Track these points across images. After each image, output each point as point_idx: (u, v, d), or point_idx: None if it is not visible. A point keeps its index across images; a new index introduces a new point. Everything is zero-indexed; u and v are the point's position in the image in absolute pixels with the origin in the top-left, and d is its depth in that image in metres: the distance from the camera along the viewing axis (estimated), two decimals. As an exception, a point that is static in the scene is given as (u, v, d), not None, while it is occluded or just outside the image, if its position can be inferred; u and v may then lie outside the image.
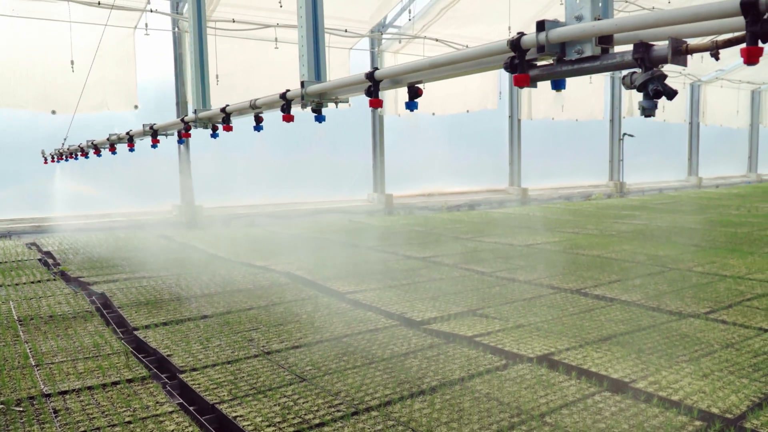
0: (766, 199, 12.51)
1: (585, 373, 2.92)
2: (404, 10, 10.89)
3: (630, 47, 1.83)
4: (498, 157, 14.02)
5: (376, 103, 2.81)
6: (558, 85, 2.15)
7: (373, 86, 2.78)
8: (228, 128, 4.26)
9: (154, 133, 6.17)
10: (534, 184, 14.37)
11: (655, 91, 1.78)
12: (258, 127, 4.12)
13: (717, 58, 1.76)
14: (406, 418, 2.47)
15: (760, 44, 1.59)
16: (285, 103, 3.44)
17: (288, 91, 3.46)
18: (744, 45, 1.61)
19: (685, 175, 18.20)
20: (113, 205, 9.59)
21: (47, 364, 3.23)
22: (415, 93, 2.81)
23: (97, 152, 7.47)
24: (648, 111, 1.87)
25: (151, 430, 2.44)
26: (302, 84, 3.33)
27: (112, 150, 7.79)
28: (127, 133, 6.60)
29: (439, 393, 2.73)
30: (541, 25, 2.02)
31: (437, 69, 2.62)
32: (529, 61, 2.05)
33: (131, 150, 7.53)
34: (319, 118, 3.46)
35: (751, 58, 1.66)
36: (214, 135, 4.87)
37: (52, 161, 9.18)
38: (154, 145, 6.83)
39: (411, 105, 2.92)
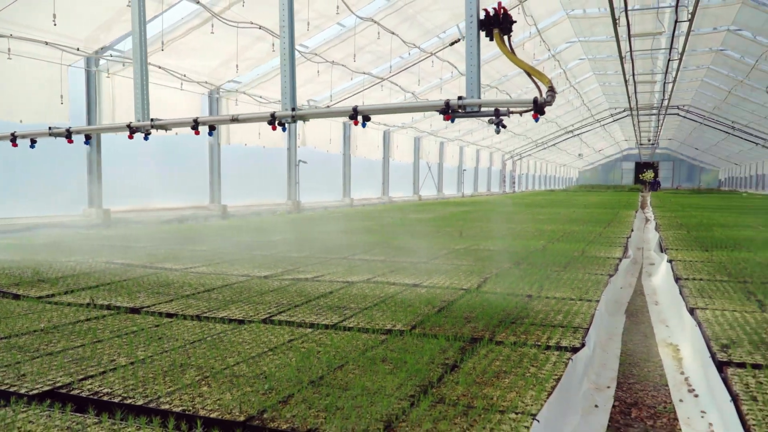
0: (405, 213, 16.97)
1: (396, 284, 5.14)
2: (128, 35, 11.60)
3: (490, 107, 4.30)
4: (202, 177, 15.42)
5: (356, 123, 4.56)
6: (452, 120, 4.39)
7: (354, 114, 4.65)
8: (198, 132, 5.19)
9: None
10: (231, 202, 16.19)
11: (501, 125, 4.19)
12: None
13: (521, 115, 4.28)
14: (341, 299, 4.27)
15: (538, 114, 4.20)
16: (271, 119, 4.80)
17: (275, 111, 4.84)
18: (533, 112, 4.17)
19: (341, 197, 22.42)
20: None
21: (28, 313, 3.87)
22: (367, 118, 4.63)
23: None
24: (498, 132, 4.32)
25: (206, 324, 3.67)
26: (293, 108, 4.77)
27: None
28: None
29: (334, 294, 4.58)
30: (460, 97, 4.37)
31: (399, 110, 4.59)
32: (449, 110, 4.31)
33: None
34: (284, 128, 4.90)
35: (536, 117, 4.23)
36: (146, 137, 5.53)
37: None
38: None
39: (364, 124, 4.75)
